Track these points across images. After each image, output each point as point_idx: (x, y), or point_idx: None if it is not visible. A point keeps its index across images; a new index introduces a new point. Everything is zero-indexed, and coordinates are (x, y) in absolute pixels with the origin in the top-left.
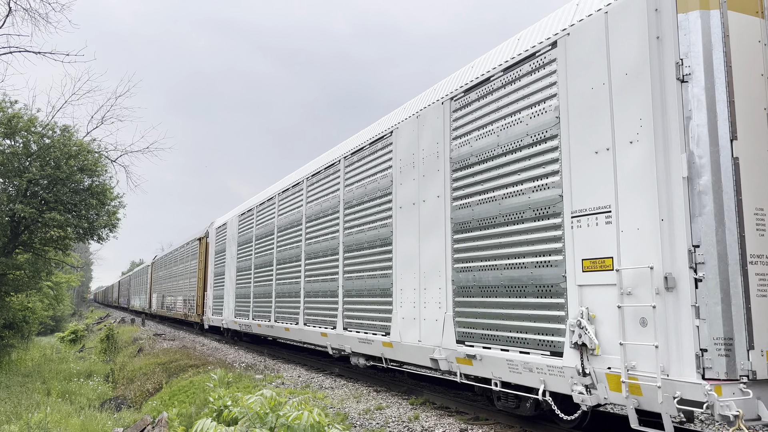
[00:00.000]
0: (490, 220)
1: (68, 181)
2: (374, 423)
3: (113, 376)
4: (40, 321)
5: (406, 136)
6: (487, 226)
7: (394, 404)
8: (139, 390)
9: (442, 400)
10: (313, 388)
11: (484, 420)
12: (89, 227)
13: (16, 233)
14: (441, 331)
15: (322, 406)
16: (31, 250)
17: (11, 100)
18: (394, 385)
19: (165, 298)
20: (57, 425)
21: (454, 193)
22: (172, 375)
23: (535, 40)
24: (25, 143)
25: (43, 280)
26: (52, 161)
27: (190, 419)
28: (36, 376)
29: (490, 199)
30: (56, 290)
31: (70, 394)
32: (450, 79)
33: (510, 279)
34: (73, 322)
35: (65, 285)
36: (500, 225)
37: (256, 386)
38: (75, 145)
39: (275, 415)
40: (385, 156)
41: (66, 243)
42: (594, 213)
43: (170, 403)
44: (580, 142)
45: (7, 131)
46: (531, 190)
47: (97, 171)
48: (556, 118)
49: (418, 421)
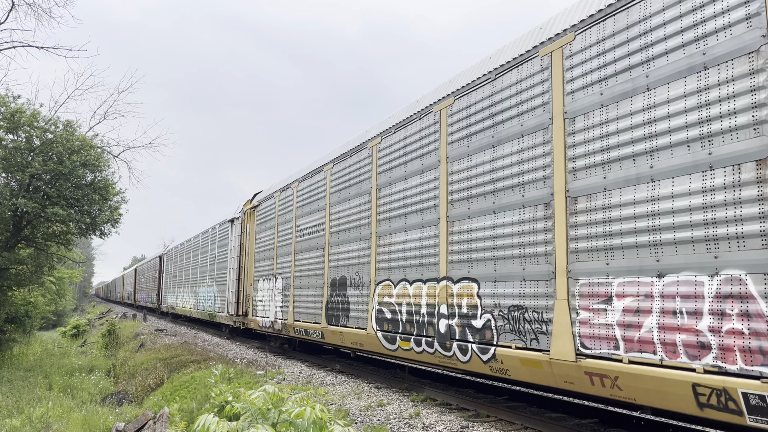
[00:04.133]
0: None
1: (71, 176)
2: (375, 419)
3: (115, 371)
4: (42, 316)
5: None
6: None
7: (395, 401)
8: (140, 385)
9: (444, 396)
10: (314, 385)
11: (485, 416)
12: (91, 222)
13: (19, 228)
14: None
15: (324, 402)
16: (34, 245)
17: (14, 95)
18: (395, 381)
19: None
20: (59, 420)
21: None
22: (173, 370)
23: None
24: (28, 138)
25: (46, 275)
26: (54, 156)
27: (192, 414)
28: (38, 371)
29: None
30: (58, 285)
31: (71, 389)
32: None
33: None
34: (75, 317)
35: (67, 280)
36: None
37: (258, 382)
38: (77, 141)
39: (277, 411)
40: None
41: (68, 238)
42: None
43: (172, 398)
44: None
45: (10, 126)
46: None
47: (100, 166)
48: None
49: (419, 418)
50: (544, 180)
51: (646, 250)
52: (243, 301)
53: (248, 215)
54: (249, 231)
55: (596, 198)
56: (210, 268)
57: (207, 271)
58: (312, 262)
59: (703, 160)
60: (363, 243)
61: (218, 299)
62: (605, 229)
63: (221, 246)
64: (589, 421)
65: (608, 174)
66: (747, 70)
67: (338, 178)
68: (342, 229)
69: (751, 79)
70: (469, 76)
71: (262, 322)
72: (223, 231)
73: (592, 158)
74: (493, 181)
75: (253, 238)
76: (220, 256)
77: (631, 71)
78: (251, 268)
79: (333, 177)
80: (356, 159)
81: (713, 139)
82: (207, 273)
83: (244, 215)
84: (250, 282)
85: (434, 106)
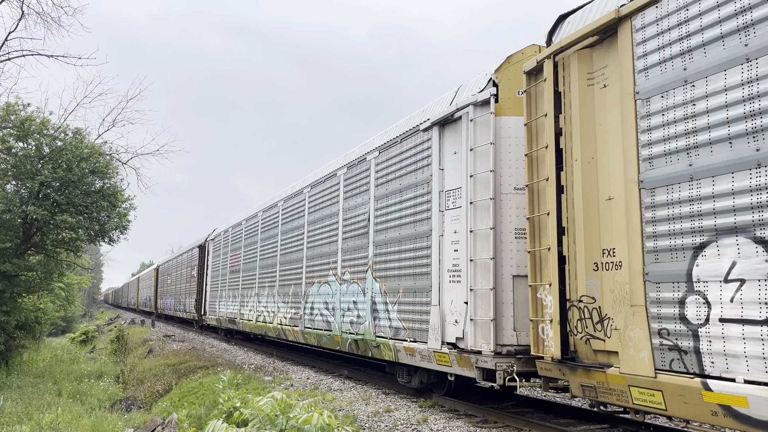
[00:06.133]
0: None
1: (80, 183)
2: (383, 425)
3: (123, 377)
4: (51, 322)
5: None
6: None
7: (403, 407)
8: (149, 391)
9: (451, 402)
10: (322, 390)
11: (492, 422)
12: (100, 229)
13: (29, 235)
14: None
15: (331, 408)
16: (43, 252)
17: (24, 103)
18: (402, 387)
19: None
20: (68, 426)
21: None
22: (181, 376)
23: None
24: (38, 146)
25: (55, 282)
26: (63, 164)
27: (200, 420)
28: (47, 377)
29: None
30: (67, 291)
31: (80, 395)
32: None
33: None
34: (83, 323)
35: (76, 286)
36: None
37: (266, 388)
38: (86, 148)
39: (285, 417)
40: None
41: (77, 245)
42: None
43: (180, 404)
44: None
45: (20, 134)
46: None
47: (108, 173)
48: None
49: (427, 424)
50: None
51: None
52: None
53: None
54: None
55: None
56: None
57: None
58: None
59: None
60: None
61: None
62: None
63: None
64: (599, 426)
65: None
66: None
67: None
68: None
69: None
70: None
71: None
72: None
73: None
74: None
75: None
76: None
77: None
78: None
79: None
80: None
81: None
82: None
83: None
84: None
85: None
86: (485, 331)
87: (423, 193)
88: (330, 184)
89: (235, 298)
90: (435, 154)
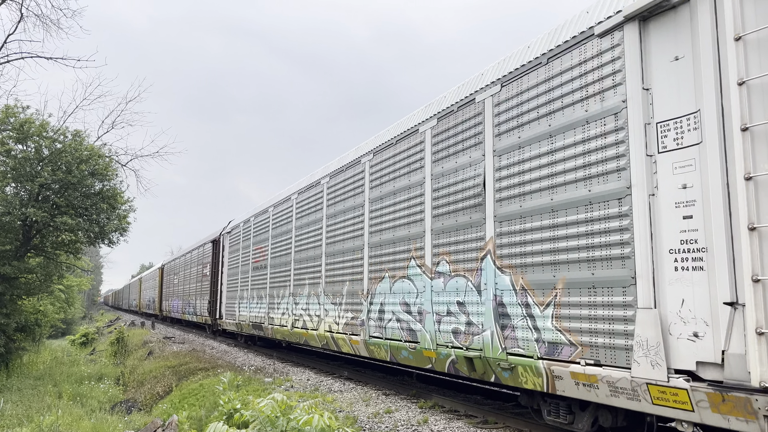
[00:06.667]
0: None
1: (79, 185)
2: (383, 426)
3: (124, 379)
4: (51, 324)
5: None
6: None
7: (403, 407)
8: (149, 393)
9: (451, 403)
10: (322, 392)
11: (493, 423)
12: (100, 231)
13: (28, 237)
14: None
15: (332, 409)
16: (43, 254)
17: (23, 106)
18: (402, 388)
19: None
20: (68, 428)
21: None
22: (182, 378)
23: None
24: (37, 148)
25: (55, 284)
26: (63, 166)
27: (200, 422)
28: (47, 379)
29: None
30: (67, 293)
31: (81, 397)
32: None
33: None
34: (83, 325)
35: (76, 288)
36: None
37: (266, 389)
38: (86, 150)
39: (286, 419)
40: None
41: (77, 247)
42: None
43: (180, 406)
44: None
45: (20, 136)
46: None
47: (108, 175)
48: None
49: (427, 425)
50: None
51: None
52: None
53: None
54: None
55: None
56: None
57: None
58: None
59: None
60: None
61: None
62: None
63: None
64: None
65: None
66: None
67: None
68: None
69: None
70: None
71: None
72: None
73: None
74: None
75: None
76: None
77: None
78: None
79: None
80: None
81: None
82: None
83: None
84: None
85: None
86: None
87: (608, 131)
88: (410, 144)
89: (261, 299)
90: (631, 65)
